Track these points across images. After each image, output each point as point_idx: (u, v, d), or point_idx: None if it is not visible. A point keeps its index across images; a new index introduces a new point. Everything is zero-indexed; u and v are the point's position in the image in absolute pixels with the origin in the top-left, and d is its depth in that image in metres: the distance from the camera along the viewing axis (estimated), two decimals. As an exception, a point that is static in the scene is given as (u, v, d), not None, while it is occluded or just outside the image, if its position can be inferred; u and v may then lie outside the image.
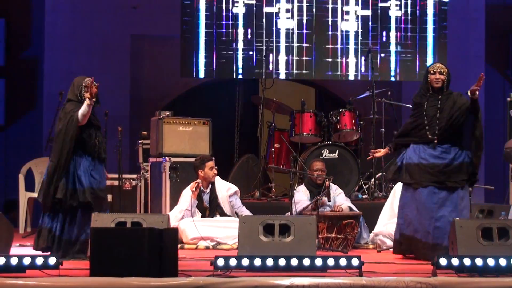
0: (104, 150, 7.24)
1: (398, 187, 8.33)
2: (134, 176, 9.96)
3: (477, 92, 6.97)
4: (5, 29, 11.64)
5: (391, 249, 7.70)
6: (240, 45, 11.04)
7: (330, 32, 11.08)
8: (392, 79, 11.27)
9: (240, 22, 11.03)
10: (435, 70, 7.18)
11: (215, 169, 8.71)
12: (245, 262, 5.89)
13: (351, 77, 11.19)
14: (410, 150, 7.26)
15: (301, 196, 8.63)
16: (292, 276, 5.70)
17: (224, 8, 11.01)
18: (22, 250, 7.72)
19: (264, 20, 11.05)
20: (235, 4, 11.02)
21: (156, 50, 12.06)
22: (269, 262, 5.89)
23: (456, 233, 6.31)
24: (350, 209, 8.51)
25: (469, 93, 7.02)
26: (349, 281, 5.63)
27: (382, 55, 11.08)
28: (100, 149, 7.17)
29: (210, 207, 8.68)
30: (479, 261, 5.91)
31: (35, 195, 10.35)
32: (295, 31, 11.06)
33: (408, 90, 11.71)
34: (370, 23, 11.12)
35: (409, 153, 7.26)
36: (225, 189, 8.78)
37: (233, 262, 5.88)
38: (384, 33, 11.15)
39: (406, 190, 7.33)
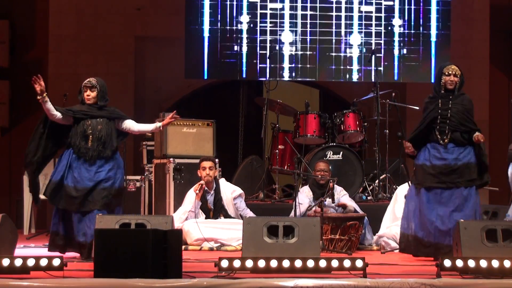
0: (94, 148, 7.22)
1: (400, 191, 8.34)
2: (138, 177, 9.98)
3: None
4: (10, 30, 11.65)
5: (395, 251, 7.73)
6: (244, 47, 11.04)
7: (334, 33, 11.07)
8: (396, 80, 11.26)
9: (245, 23, 11.03)
10: (450, 72, 7.20)
11: (209, 169, 8.60)
12: (249, 263, 5.89)
13: (355, 78, 11.19)
14: (420, 151, 7.27)
15: (303, 198, 8.61)
16: (296, 277, 5.70)
17: (228, 9, 11.02)
18: (27, 251, 7.74)
19: (268, 20, 11.04)
20: (239, 4, 11.02)
21: (160, 52, 12.06)
22: (273, 263, 5.89)
23: (460, 234, 6.30)
24: (355, 210, 8.52)
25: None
26: (353, 283, 5.63)
27: (386, 56, 11.07)
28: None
29: (214, 209, 8.68)
30: (483, 263, 5.90)
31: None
32: (300, 30, 11.06)
33: (412, 91, 11.71)
34: (373, 24, 11.11)
35: (418, 154, 7.27)
36: (229, 191, 8.79)
37: (237, 263, 5.88)
38: (388, 34, 11.14)
39: (411, 191, 7.36)
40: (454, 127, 7.15)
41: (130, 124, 7.39)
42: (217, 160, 8.92)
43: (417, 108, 10.22)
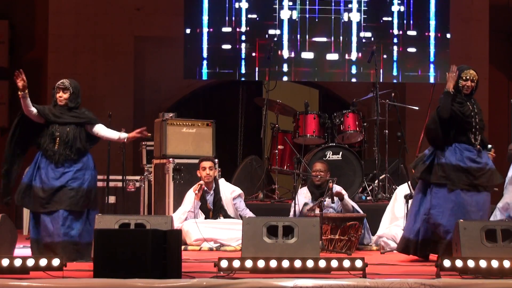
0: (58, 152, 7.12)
1: (399, 191, 8.32)
2: (138, 177, 9.98)
3: None
4: (9, 30, 11.65)
5: (395, 251, 7.70)
6: (244, 47, 11.04)
7: (333, 33, 11.07)
8: (396, 80, 11.26)
9: (244, 23, 11.03)
10: (468, 77, 7.14)
11: (208, 170, 8.62)
12: (248, 263, 5.89)
13: (355, 78, 11.19)
14: (447, 150, 7.14)
15: (301, 199, 8.58)
16: (295, 277, 5.70)
17: (227, 9, 11.02)
18: (26, 252, 7.74)
19: (268, 20, 11.04)
20: (239, 4, 11.02)
21: (159, 52, 12.06)
22: (273, 263, 5.88)
23: (460, 234, 6.30)
24: (354, 208, 8.51)
25: None
26: (352, 283, 5.63)
27: (386, 56, 11.08)
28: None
29: (213, 209, 8.68)
30: (483, 263, 5.90)
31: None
32: (299, 30, 11.06)
33: (412, 91, 11.71)
34: (373, 24, 11.11)
35: (445, 153, 7.14)
36: (229, 192, 8.79)
37: (236, 263, 5.88)
38: (387, 34, 11.14)
39: (438, 191, 7.19)
40: (481, 131, 7.14)
41: (99, 129, 7.25)
42: (216, 160, 8.92)
43: (417, 108, 10.24)
